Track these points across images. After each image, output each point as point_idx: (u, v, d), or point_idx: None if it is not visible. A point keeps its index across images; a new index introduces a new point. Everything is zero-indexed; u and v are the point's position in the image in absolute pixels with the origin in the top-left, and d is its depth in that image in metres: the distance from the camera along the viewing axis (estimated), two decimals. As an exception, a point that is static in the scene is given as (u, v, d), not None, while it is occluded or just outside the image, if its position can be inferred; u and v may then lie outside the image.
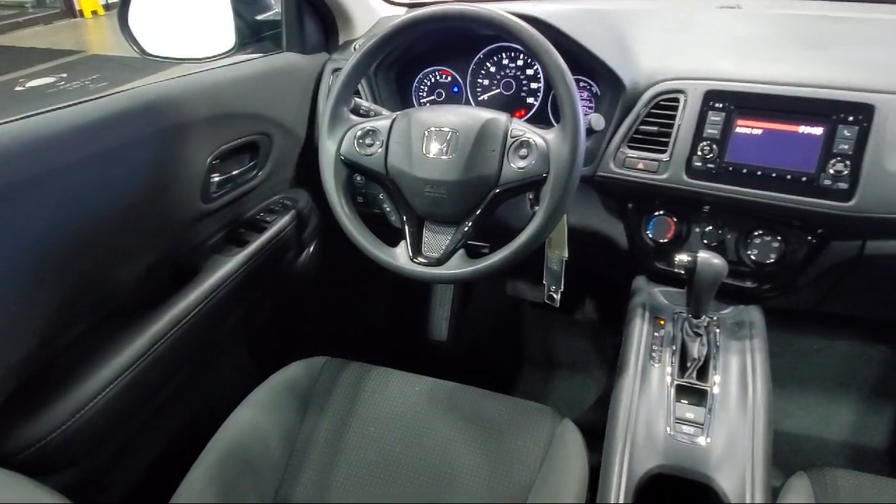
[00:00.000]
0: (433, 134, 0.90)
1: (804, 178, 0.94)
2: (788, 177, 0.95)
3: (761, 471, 0.85)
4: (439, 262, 0.90)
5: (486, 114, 0.90)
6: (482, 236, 0.94)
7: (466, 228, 0.91)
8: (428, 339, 1.84)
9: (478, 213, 0.90)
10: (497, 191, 0.88)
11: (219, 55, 1.27)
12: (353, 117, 0.98)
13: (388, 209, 1.29)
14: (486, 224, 0.91)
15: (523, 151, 0.87)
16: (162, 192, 0.97)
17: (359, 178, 1.27)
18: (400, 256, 0.93)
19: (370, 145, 0.94)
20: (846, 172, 0.91)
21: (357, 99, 1.04)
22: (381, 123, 0.95)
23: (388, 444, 0.97)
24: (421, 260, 0.92)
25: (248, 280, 1.17)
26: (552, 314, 1.82)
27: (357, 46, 0.94)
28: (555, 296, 1.17)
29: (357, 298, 1.84)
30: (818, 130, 0.93)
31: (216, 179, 1.10)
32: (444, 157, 0.88)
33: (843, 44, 1.03)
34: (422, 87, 1.30)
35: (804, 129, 0.94)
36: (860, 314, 1.40)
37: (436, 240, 0.95)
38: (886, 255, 0.99)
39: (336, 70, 1.29)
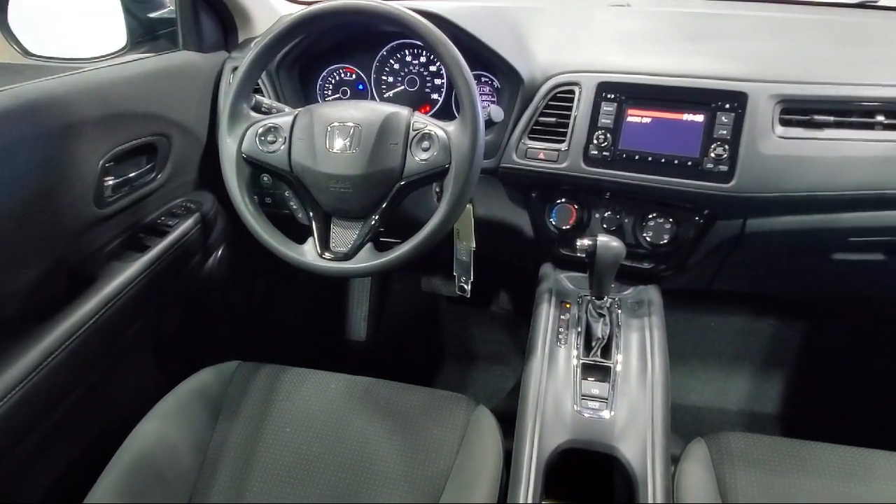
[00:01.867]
0: (336, 129, 0.89)
1: (689, 163, 1.01)
2: (676, 162, 1.02)
3: (661, 438, 0.90)
4: (347, 256, 0.90)
5: (388, 108, 0.91)
6: (392, 232, 0.96)
7: (373, 222, 0.91)
8: (346, 340, 1.82)
9: (384, 206, 0.91)
10: (402, 183, 0.89)
11: (109, 54, 1.22)
12: (254, 114, 0.97)
13: (294, 207, 1.27)
14: (395, 219, 0.92)
15: (425, 144, 0.88)
16: (50, 197, 0.92)
17: (266, 179, 1.25)
18: (308, 253, 0.92)
19: (273, 142, 0.93)
20: (725, 156, 0.98)
21: (258, 96, 1.03)
22: (283, 120, 0.94)
23: (304, 445, 0.96)
24: (329, 255, 0.91)
25: (152, 286, 1.12)
26: (468, 307, 1.85)
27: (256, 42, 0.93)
28: (465, 287, 1.19)
29: (271, 302, 1.80)
30: (700, 118, 1.00)
31: (111, 183, 1.05)
32: (348, 152, 0.88)
33: (721, 38, 1.11)
34: (326, 84, 1.29)
35: (688, 116, 1.01)
36: (748, 290, 1.51)
37: (343, 235, 0.95)
38: (764, 231, 1.08)
39: (236, 68, 1.26)
